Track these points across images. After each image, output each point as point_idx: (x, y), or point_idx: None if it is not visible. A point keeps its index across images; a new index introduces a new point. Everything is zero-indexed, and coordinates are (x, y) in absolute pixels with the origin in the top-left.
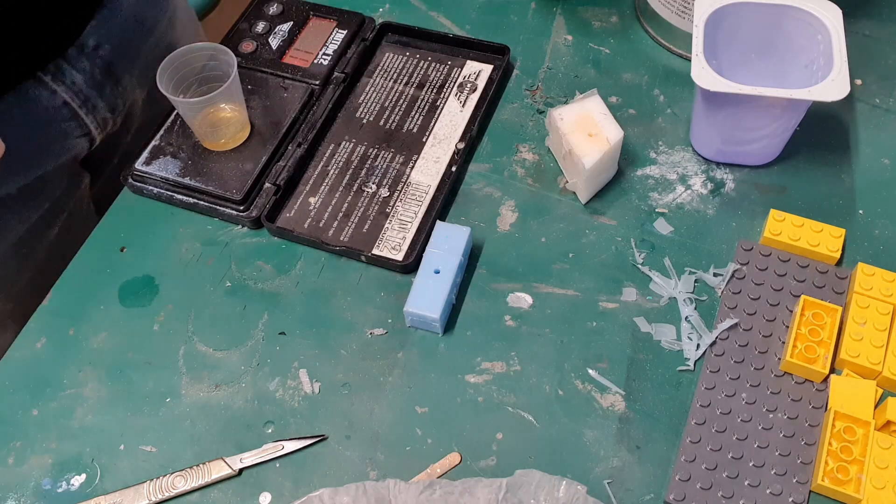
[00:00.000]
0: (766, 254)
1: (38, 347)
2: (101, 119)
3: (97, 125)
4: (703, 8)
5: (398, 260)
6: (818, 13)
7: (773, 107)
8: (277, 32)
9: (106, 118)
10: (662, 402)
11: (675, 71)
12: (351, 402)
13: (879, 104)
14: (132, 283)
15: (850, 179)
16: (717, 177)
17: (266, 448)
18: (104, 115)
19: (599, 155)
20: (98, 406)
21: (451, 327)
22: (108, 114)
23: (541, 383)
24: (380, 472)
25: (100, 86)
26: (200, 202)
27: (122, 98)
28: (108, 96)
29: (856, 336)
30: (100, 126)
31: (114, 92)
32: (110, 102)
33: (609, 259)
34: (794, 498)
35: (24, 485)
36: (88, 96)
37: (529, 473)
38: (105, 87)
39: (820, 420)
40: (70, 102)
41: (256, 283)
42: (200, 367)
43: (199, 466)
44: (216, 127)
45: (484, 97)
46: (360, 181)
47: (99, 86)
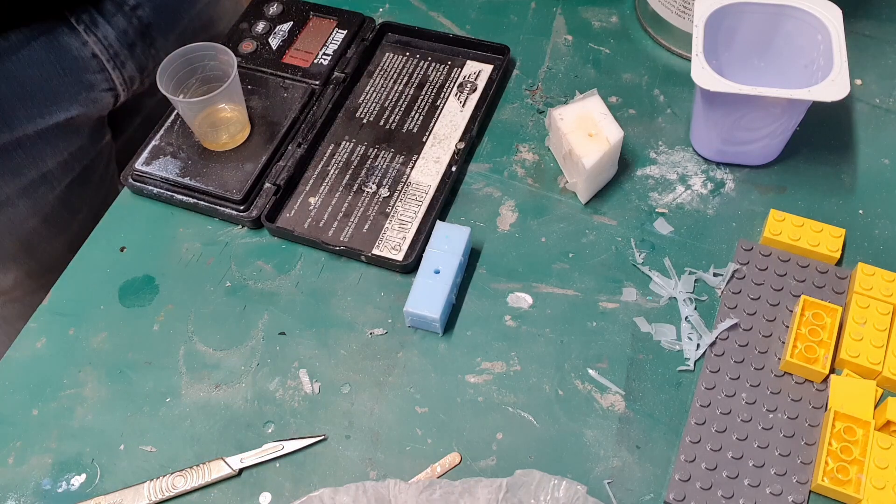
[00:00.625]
0: (766, 254)
1: (38, 347)
2: (129, 77)
3: (123, 82)
4: (703, 8)
5: (398, 260)
6: (818, 13)
7: (773, 107)
8: (277, 32)
9: (133, 76)
10: (662, 402)
11: (675, 71)
12: (351, 402)
13: (879, 104)
14: (132, 283)
15: (850, 179)
16: (717, 177)
17: (266, 448)
18: (132, 73)
19: (599, 155)
20: (98, 406)
21: (451, 327)
22: (135, 72)
23: (541, 383)
24: (380, 472)
25: (132, 44)
26: (200, 202)
27: (153, 60)
28: (139, 56)
29: (856, 336)
30: (126, 84)
31: (146, 53)
32: (140, 62)
33: (609, 259)
34: (794, 498)
35: (24, 485)
36: (118, 52)
37: (529, 473)
38: (137, 46)
39: (820, 420)
40: (99, 55)
41: (256, 283)
42: (200, 367)
43: (199, 466)
44: (216, 127)
45: (484, 97)
46: (360, 181)
47: (131, 44)
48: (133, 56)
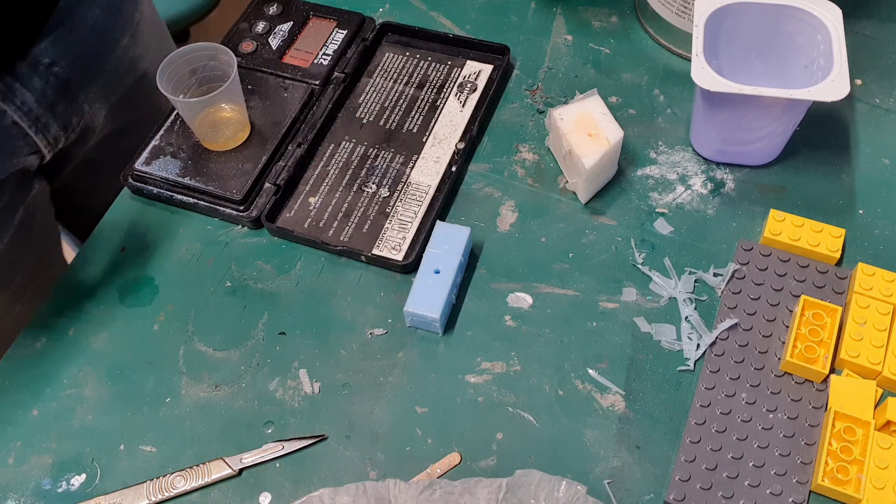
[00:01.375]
0: (766, 254)
1: (38, 347)
2: (53, 138)
3: (47, 143)
4: (703, 8)
5: (398, 260)
6: (818, 13)
7: (773, 107)
8: (277, 32)
9: (58, 136)
10: (662, 402)
11: (675, 71)
12: (351, 402)
13: (879, 104)
14: (132, 283)
15: (850, 179)
16: (717, 177)
17: (266, 448)
18: (56, 133)
19: (599, 155)
20: (98, 406)
21: (451, 327)
22: (60, 132)
23: (541, 383)
24: (380, 472)
25: (52, 104)
26: (200, 202)
27: (77, 115)
28: (62, 114)
29: (856, 336)
30: (50, 144)
31: (68, 110)
32: (63, 120)
33: (609, 259)
34: (794, 498)
35: (24, 485)
36: (39, 116)
37: (529, 473)
38: (58, 105)
39: (820, 420)
40: (20, 122)
41: (256, 283)
42: (200, 367)
43: (199, 466)
44: (216, 127)
45: (484, 97)
46: (360, 181)
47: (51, 105)
48: (55, 116)
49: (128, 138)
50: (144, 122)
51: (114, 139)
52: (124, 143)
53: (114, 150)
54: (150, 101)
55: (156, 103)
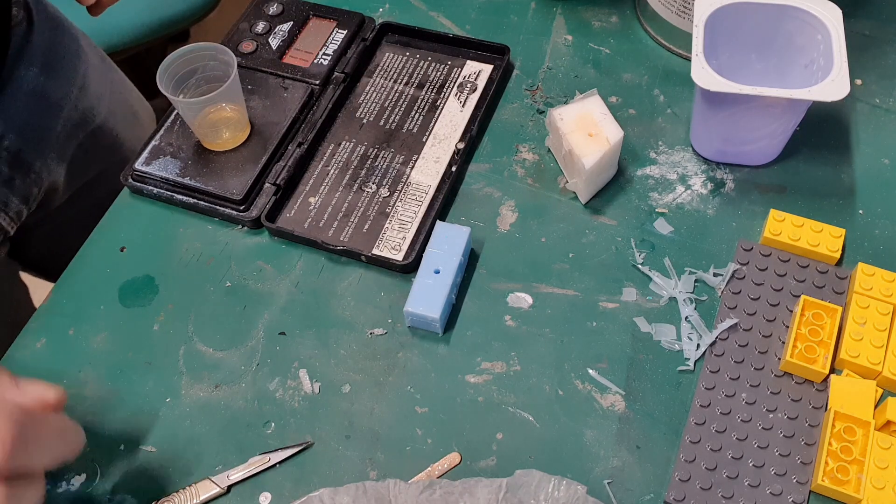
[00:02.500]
0: (766, 254)
1: (38, 347)
2: (15, 213)
3: (10, 220)
4: (703, 8)
5: (398, 260)
6: (818, 13)
7: (773, 107)
8: (277, 32)
9: (20, 210)
10: (662, 402)
11: (675, 71)
12: (351, 402)
13: (879, 104)
14: (132, 283)
15: (850, 179)
16: (717, 177)
17: (252, 462)
18: (17, 208)
19: (599, 155)
20: (98, 406)
21: (451, 327)
22: (21, 206)
23: (541, 383)
24: (380, 472)
25: (9, 180)
26: (200, 202)
27: (36, 185)
28: (20, 189)
29: (856, 336)
30: (13, 220)
31: (26, 180)
32: (23, 193)
33: (609, 259)
34: (794, 498)
35: None
36: None
37: (529, 473)
38: (14, 179)
39: (820, 420)
40: None
41: (256, 283)
42: (200, 367)
43: (186, 489)
44: (216, 127)
45: (484, 97)
46: (360, 181)
47: (8, 181)
48: (14, 191)
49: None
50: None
51: (80, 197)
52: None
53: (82, 207)
54: (110, 151)
55: (118, 154)
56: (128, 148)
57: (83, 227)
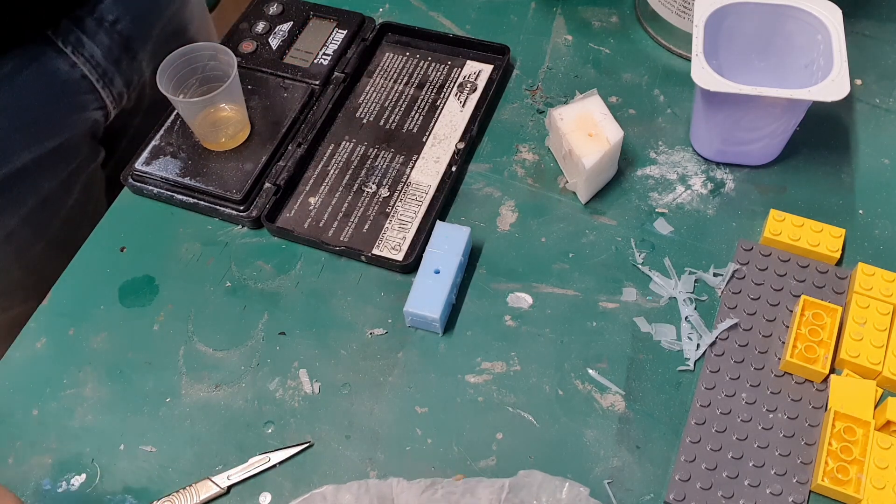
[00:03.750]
0: (766, 254)
1: (38, 347)
2: (117, 93)
3: (113, 99)
4: (703, 8)
5: (398, 260)
6: (818, 13)
7: (773, 107)
8: (277, 32)
9: (122, 93)
10: (662, 402)
11: (675, 71)
12: (351, 402)
13: (879, 104)
14: (132, 283)
15: (850, 179)
16: (717, 177)
17: (252, 462)
18: (120, 89)
19: (599, 155)
20: (98, 406)
21: (451, 327)
22: (123, 88)
23: (541, 383)
24: (380, 472)
25: (117, 60)
26: (200, 202)
27: (137, 73)
28: (125, 71)
29: (856, 336)
30: (115, 100)
31: (130, 67)
32: (126, 77)
33: (609, 259)
34: (794, 498)
35: (24, 485)
36: (106, 70)
37: (532, 474)
38: (122, 61)
39: (820, 420)
40: (89, 76)
41: (256, 283)
42: (200, 367)
43: (186, 489)
44: (216, 127)
45: (484, 97)
46: (360, 181)
47: (116, 60)
48: (120, 72)
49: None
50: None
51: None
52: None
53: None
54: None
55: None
56: None
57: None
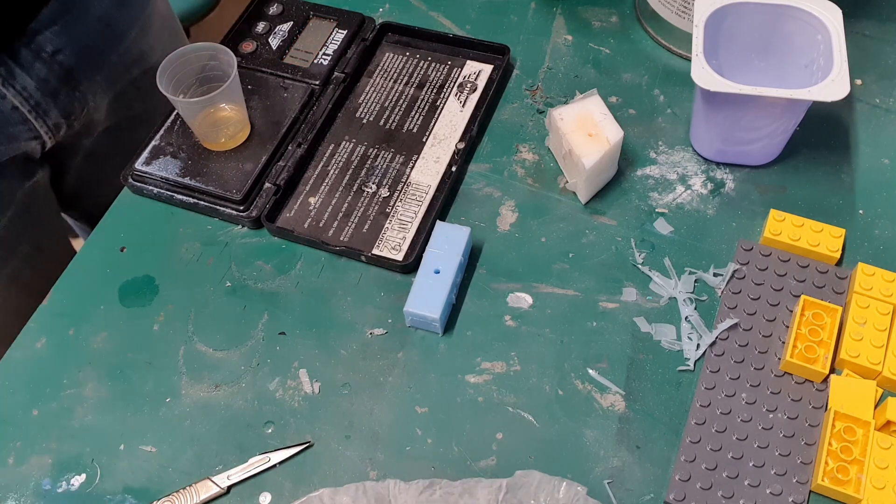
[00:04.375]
0: (766, 254)
1: (38, 347)
2: (54, 124)
3: (48, 130)
4: (703, 8)
5: (398, 260)
6: (818, 13)
7: (773, 107)
8: (277, 32)
9: (59, 123)
10: (662, 402)
11: (675, 71)
12: (351, 402)
13: (879, 104)
14: (132, 283)
15: (850, 179)
16: (717, 177)
17: (252, 462)
18: (56, 120)
19: (599, 155)
20: (98, 406)
21: (451, 327)
22: (60, 119)
23: (541, 383)
24: (380, 472)
25: (54, 92)
26: (200, 202)
27: (79, 103)
28: (63, 102)
29: (856, 336)
30: (51, 131)
31: (70, 98)
32: (65, 108)
33: (609, 259)
34: (794, 498)
35: (24, 485)
36: (40, 102)
37: (530, 474)
38: (60, 93)
39: (820, 420)
40: (19, 107)
41: (256, 283)
42: (200, 367)
43: (186, 489)
44: (216, 127)
45: (484, 97)
46: (360, 181)
47: (53, 92)
48: (56, 103)
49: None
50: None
51: (120, 132)
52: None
53: (120, 143)
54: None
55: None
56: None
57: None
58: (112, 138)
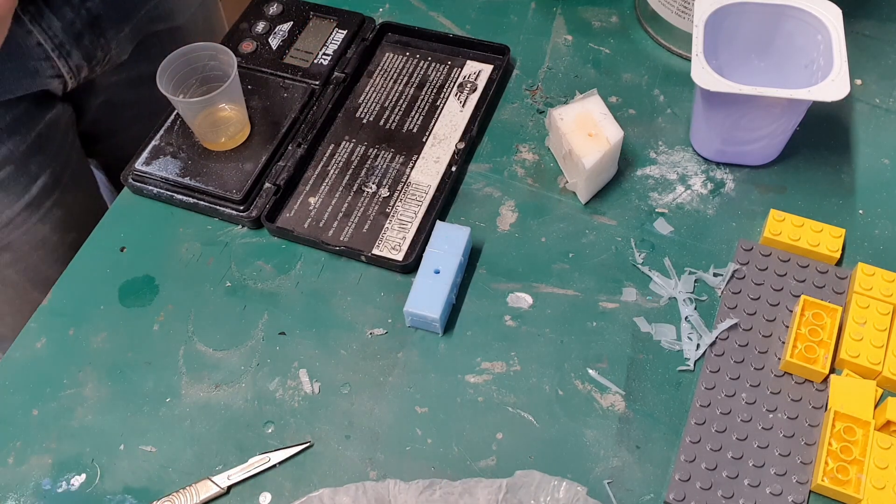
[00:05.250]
0: (766, 254)
1: (38, 347)
2: (75, 66)
3: (69, 70)
4: (703, 8)
5: (398, 260)
6: (818, 13)
7: (773, 107)
8: (277, 32)
9: (80, 66)
10: (662, 402)
11: (675, 71)
12: (351, 402)
13: (879, 104)
14: (132, 283)
15: (850, 179)
16: (717, 177)
17: (252, 462)
18: (78, 62)
19: (599, 155)
20: (98, 406)
21: (451, 327)
22: (83, 62)
23: (541, 383)
24: (380, 472)
25: (78, 35)
26: (200, 202)
27: (102, 50)
28: (86, 46)
29: (856, 336)
30: (72, 71)
31: (94, 43)
32: (87, 52)
33: (609, 259)
34: (794, 498)
35: (24, 485)
36: (63, 42)
37: (529, 474)
38: (84, 36)
39: (820, 420)
40: (43, 44)
41: (256, 283)
42: (200, 367)
43: (186, 489)
44: (216, 127)
45: (484, 97)
46: (360, 181)
47: (77, 35)
48: (79, 46)
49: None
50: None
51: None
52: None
53: (140, 95)
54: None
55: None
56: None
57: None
58: (132, 89)
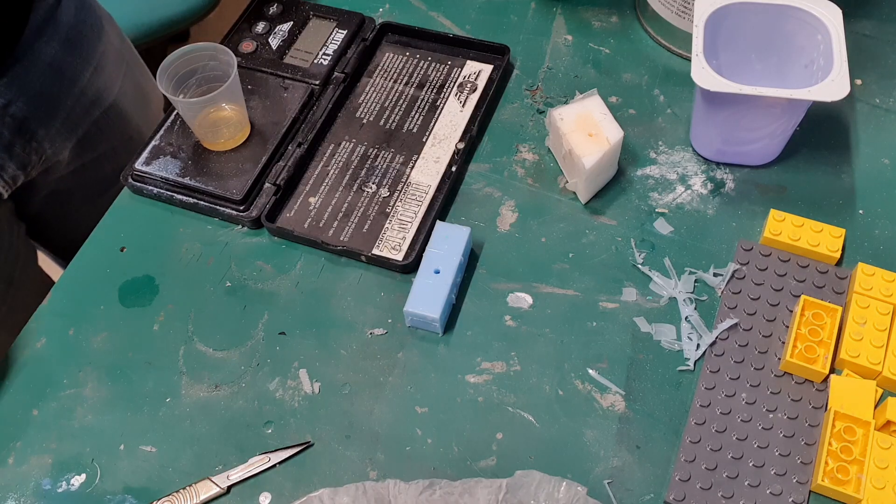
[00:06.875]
0: (766, 254)
1: (38, 347)
2: (10, 177)
3: (5, 183)
4: (703, 8)
5: (398, 260)
6: (818, 13)
7: (773, 107)
8: (277, 32)
9: (16, 176)
10: (662, 402)
11: (675, 71)
12: (351, 402)
13: (879, 104)
14: (132, 283)
15: (850, 179)
16: (717, 177)
17: (252, 462)
18: (13, 173)
19: (599, 155)
20: (98, 406)
21: (451, 327)
22: (18, 172)
23: (541, 383)
24: (380, 472)
25: (8, 146)
26: (200, 202)
27: (37, 154)
28: (19, 155)
29: (856, 336)
30: (9, 183)
31: (26, 149)
32: (21, 161)
33: (609, 259)
34: (794, 498)
35: (24, 485)
36: None
37: (529, 474)
38: (14, 146)
39: (820, 420)
40: None
41: (256, 283)
42: (200, 367)
43: (186, 489)
44: (216, 127)
45: (484, 97)
46: (360, 181)
47: (7, 146)
48: (12, 157)
49: (101, 169)
50: (119, 152)
51: (86, 171)
52: (97, 175)
53: (86, 181)
54: (119, 131)
55: (126, 133)
56: (136, 128)
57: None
58: (77, 177)
